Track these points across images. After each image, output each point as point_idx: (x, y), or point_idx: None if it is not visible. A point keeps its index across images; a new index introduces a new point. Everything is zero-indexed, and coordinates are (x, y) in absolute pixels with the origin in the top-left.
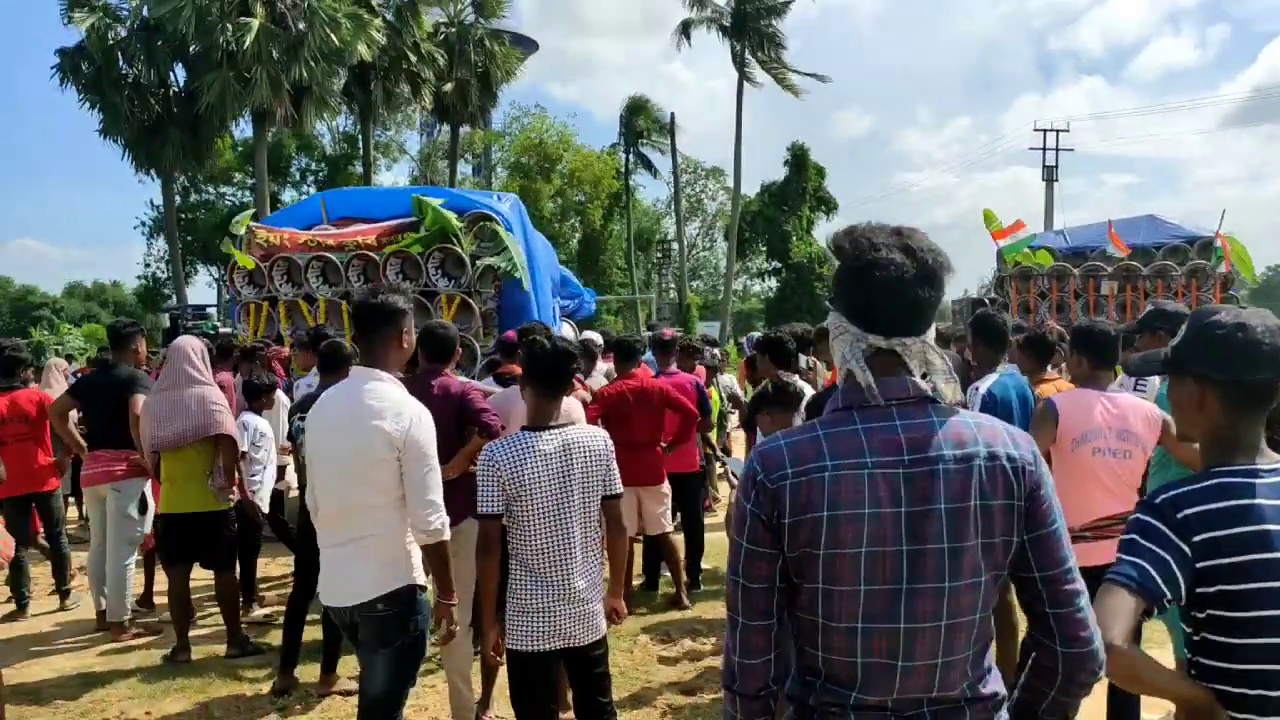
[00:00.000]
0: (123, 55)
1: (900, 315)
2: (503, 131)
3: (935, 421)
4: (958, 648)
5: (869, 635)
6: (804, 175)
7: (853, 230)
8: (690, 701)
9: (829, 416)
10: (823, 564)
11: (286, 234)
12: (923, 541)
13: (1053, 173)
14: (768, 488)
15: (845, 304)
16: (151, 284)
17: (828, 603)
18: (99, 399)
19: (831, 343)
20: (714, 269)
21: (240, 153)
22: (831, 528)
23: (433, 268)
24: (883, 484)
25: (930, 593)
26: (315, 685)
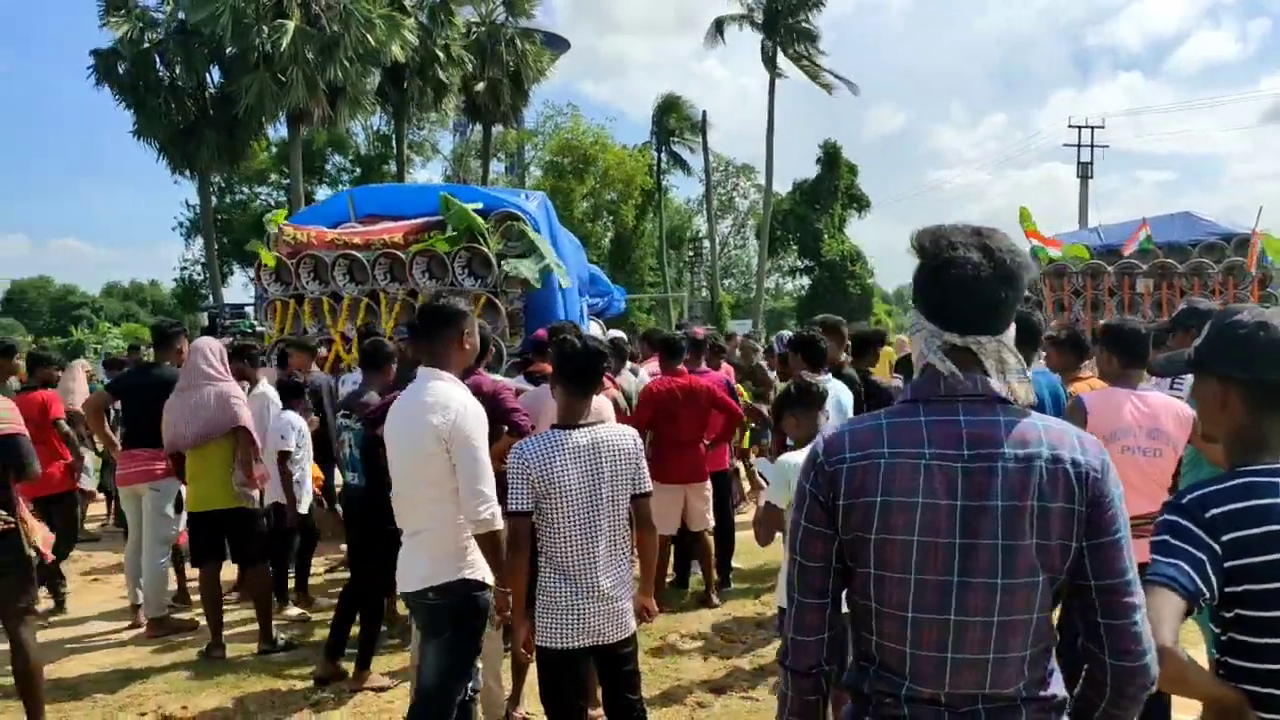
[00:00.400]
0: (160, 58)
1: (975, 314)
2: (536, 130)
3: (1001, 420)
4: (1012, 646)
5: (918, 625)
6: (836, 173)
7: (935, 230)
8: (720, 700)
9: (896, 407)
10: (874, 549)
11: (313, 231)
12: (976, 536)
13: (1087, 169)
14: (826, 470)
15: (923, 302)
16: (188, 284)
17: (879, 588)
18: (138, 398)
19: (911, 339)
20: (746, 267)
21: (275, 153)
22: (884, 513)
23: (459, 267)
24: (939, 476)
25: (982, 588)
26: (349, 681)
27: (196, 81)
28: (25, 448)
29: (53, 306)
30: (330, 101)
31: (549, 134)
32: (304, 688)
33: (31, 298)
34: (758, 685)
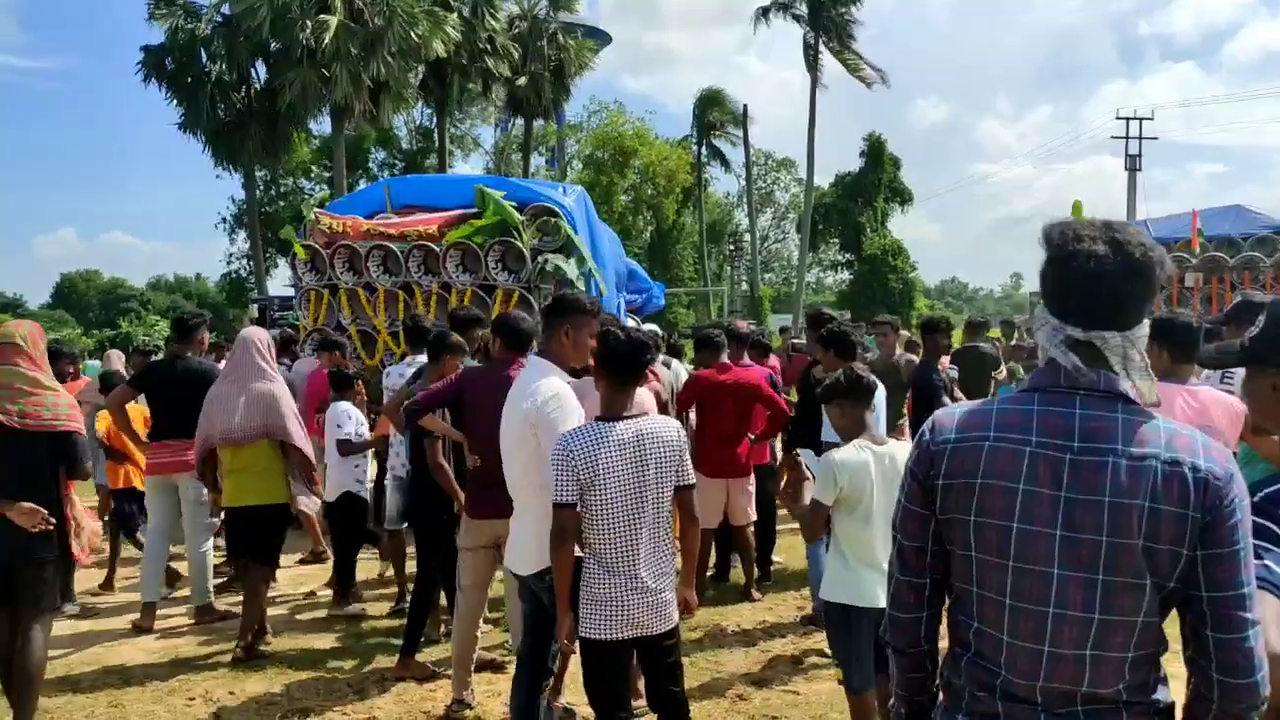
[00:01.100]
0: (205, 53)
1: (1099, 308)
2: (579, 125)
3: (1119, 418)
4: (1112, 645)
5: (1016, 614)
6: (879, 166)
7: (1064, 222)
8: (760, 693)
9: (1013, 395)
10: (972, 531)
11: (349, 221)
12: (1080, 530)
13: (1136, 162)
14: (929, 448)
15: (1048, 294)
16: (234, 277)
17: (979, 571)
18: (167, 389)
19: (1035, 333)
20: (786, 261)
21: (318, 147)
22: (982, 495)
23: (492, 261)
24: (1043, 465)
25: (1083, 582)
26: (394, 669)
27: (240, 76)
28: (81, 446)
29: (101, 299)
30: (373, 96)
31: (592, 129)
32: (348, 677)
33: (81, 290)
34: (797, 679)
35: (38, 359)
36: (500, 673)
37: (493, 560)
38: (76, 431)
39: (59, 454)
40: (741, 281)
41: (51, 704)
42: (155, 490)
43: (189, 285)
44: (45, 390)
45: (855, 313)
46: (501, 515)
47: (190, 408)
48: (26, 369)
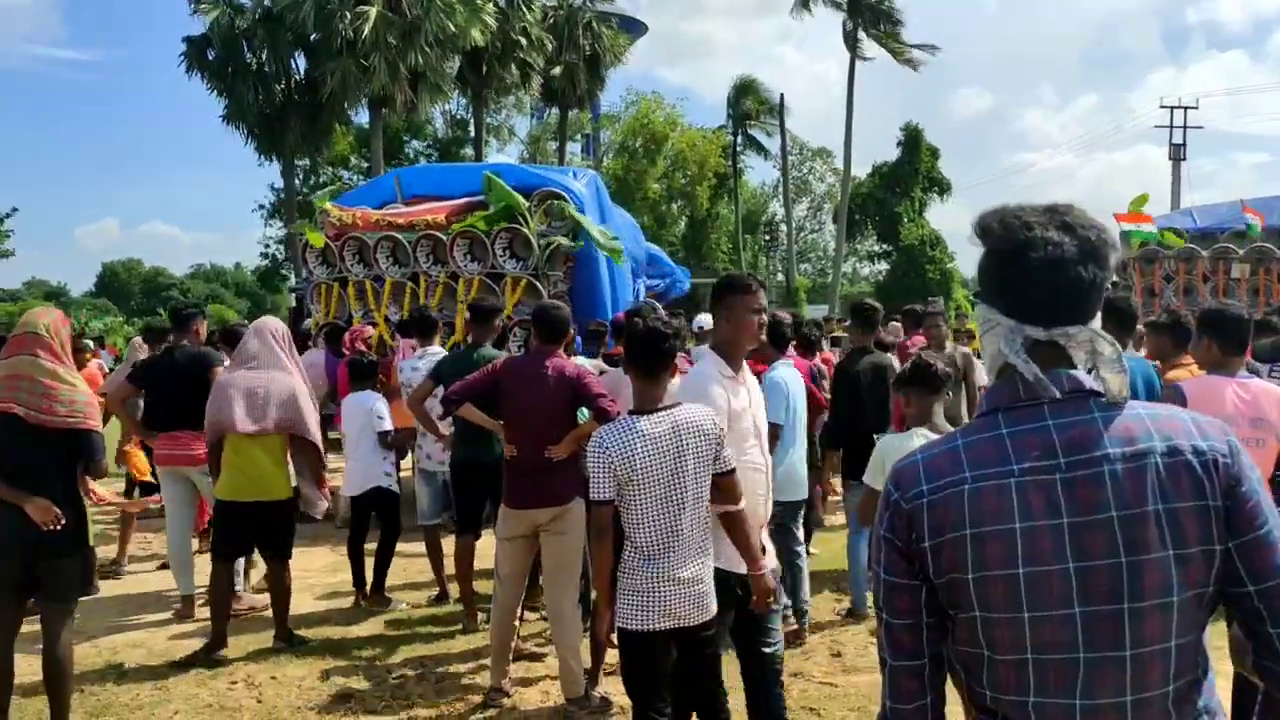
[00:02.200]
0: (247, 44)
1: (1062, 301)
2: (615, 115)
3: (1097, 417)
4: (1151, 683)
5: (1042, 669)
6: (917, 156)
7: (1001, 210)
8: (798, 684)
9: (972, 423)
10: (974, 589)
11: (359, 213)
12: (1091, 557)
13: (1180, 151)
14: (903, 508)
15: (996, 293)
16: (271, 265)
17: (989, 632)
18: (169, 381)
19: (981, 339)
20: (823, 251)
21: (356, 137)
22: (976, 547)
23: (499, 249)
24: (1034, 493)
25: (1108, 616)
26: (429, 657)
27: (282, 67)
28: (97, 443)
29: (143, 288)
30: (411, 86)
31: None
32: (387, 663)
33: (123, 279)
34: (836, 672)
35: (59, 350)
36: (538, 662)
37: (531, 550)
38: (94, 429)
39: (76, 450)
40: (777, 272)
41: (98, 689)
42: (168, 482)
43: (227, 274)
44: (64, 384)
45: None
46: (539, 505)
47: (189, 397)
48: (46, 361)
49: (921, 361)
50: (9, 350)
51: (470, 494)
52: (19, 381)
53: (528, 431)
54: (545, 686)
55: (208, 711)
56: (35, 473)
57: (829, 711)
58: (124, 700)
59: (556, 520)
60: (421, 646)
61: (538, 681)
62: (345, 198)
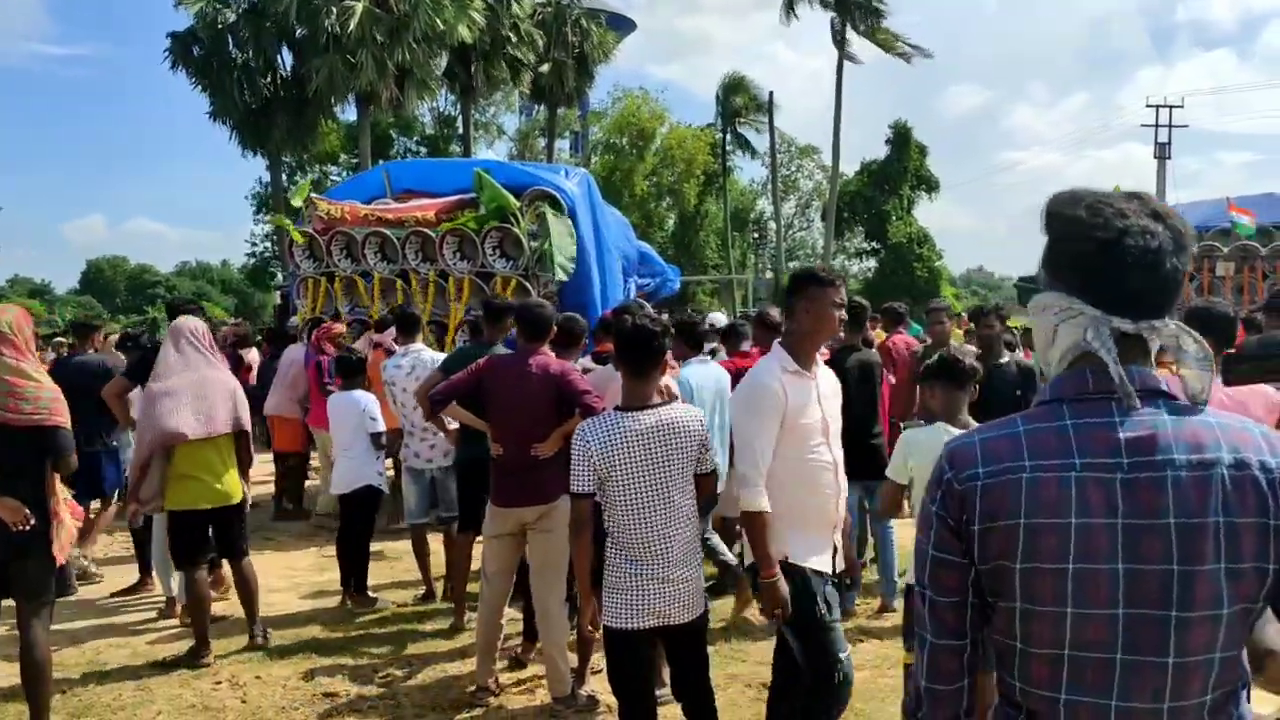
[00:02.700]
0: (232, 39)
1: (1156, 293)
2: (603, 112)
3: (1166, 420)
4: (1190, 692)
5: (1078, 667)
6: (905, 154)
7: (1088, 195)
8: None
9: (1033, 410)
10: (1020, 579)
11: (347, 207)
12: (1144, 561)
13: (1165, 150)
14: (955, 489)
15: (1082, 282)
16: (259, 262)
17: (1027, 625)
18: None
19: (1043, 327)
20: (811, 249)
21: (344, 134)
22: (1029, 537)
23: (489, 248)
24: (1093, 490)
25: (1154, 621)
26: (417, 655)
27: (267, 63)
28: (65, 440)
29: (128, 285)
30: (399, 83)
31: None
32: (373, 662)
33: (108, 276)
34: None
35: (22, 347)
36: (522, 668)
37: (518, 548)
38: (61, 426)
39: (43, 448)
40: (766, 270)
41: (80, 689)
42: None
43: (214, 272)
44: (29, 381)
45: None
46: (525, 503)
47: None
48: (10, 358)
49: (949, 355)
50: None
51: (473, 491)
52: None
53: (513, 430)
54: (532, 685)
55: (191, 712)
56: (3, 472)
57: None
58: (106, 700)
59: (543, 518)
60: (408, 646)
61: (525, 680)
62: (333, 191)
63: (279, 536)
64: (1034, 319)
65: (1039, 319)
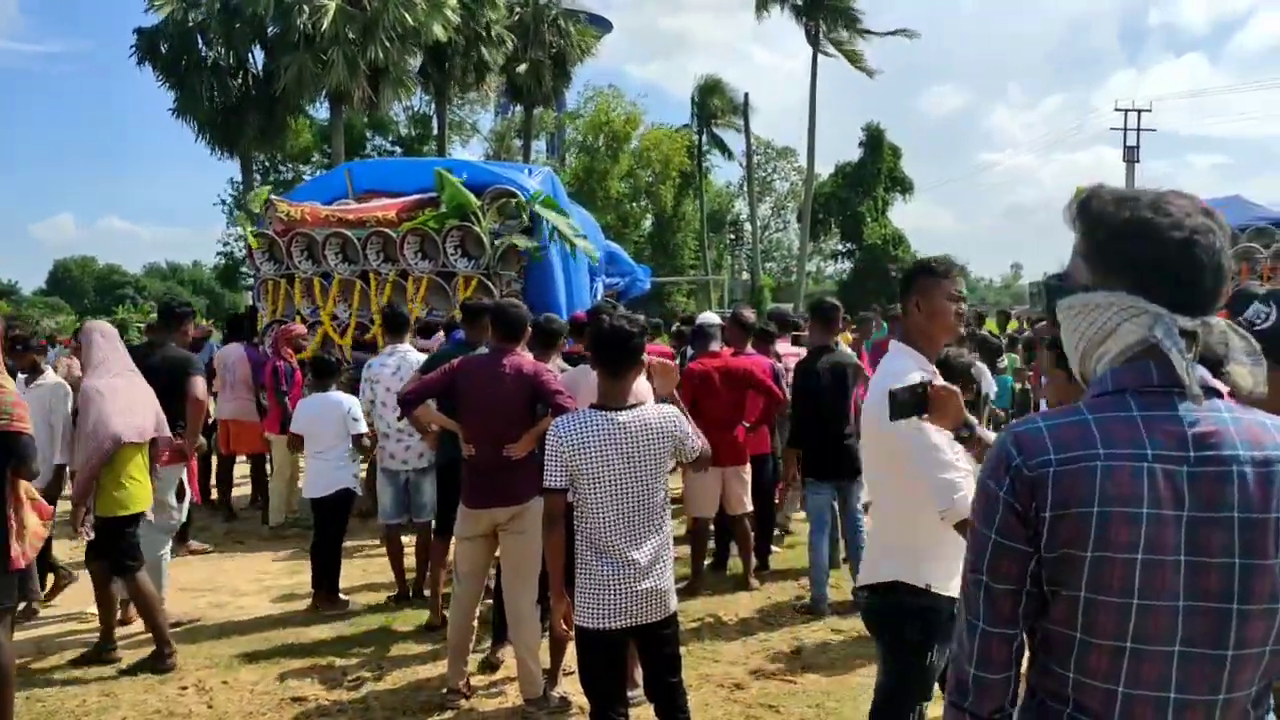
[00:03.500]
0: (201, 37)
1: (1213, 291)
2: (577, 112)
3: (1226, 416)
4: (1241, 683)
5: (1137, 659)
6: (879, 156)
7: (1136, 195)
8: (758, 683)
9: (1096, 400)
10: (1089, 568)
11: (307, 208)
12: (1206, 554)
13: (1134, 153)
14: (1025, 474)
15: (1147, 280)
16: (230, 262)
17: (1090, 615)
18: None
19: (1095, 325)
20: (787, 250)
21: (318, 133)
22: (1101, 526)
23: (450, 247)
24: (1164, 481)
25: (1214, 614)
26: (386, 659)
27: (238, 61)
28: (26, 445)
29: (97, 286)
30: (372, 82)
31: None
32: (343, 665)
33: (76, 276)
34: (795, 669)
35: None
36: (493, 670)
37: (490, 549)
38: (24, 432)
39: (6, 453)
40: (742, 271)
41: (43, 693)
42: None
43: (184, 272)
44: None
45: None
46: (498, 504)
47: (167, 399)
48: None
49: (943, 357)
50: None
51: (452, 494)
52: None
53: (486, 430)
54: (503, 687)
55: (156, 718)
56: None
57: (787, 709)
58: (70, 706)
59: (515, 519)
60: (379, 648)
61: (497, 682)
62: (296, 192)
63: (249, 540)
64: (1078, 317)
65: (1087, 317)
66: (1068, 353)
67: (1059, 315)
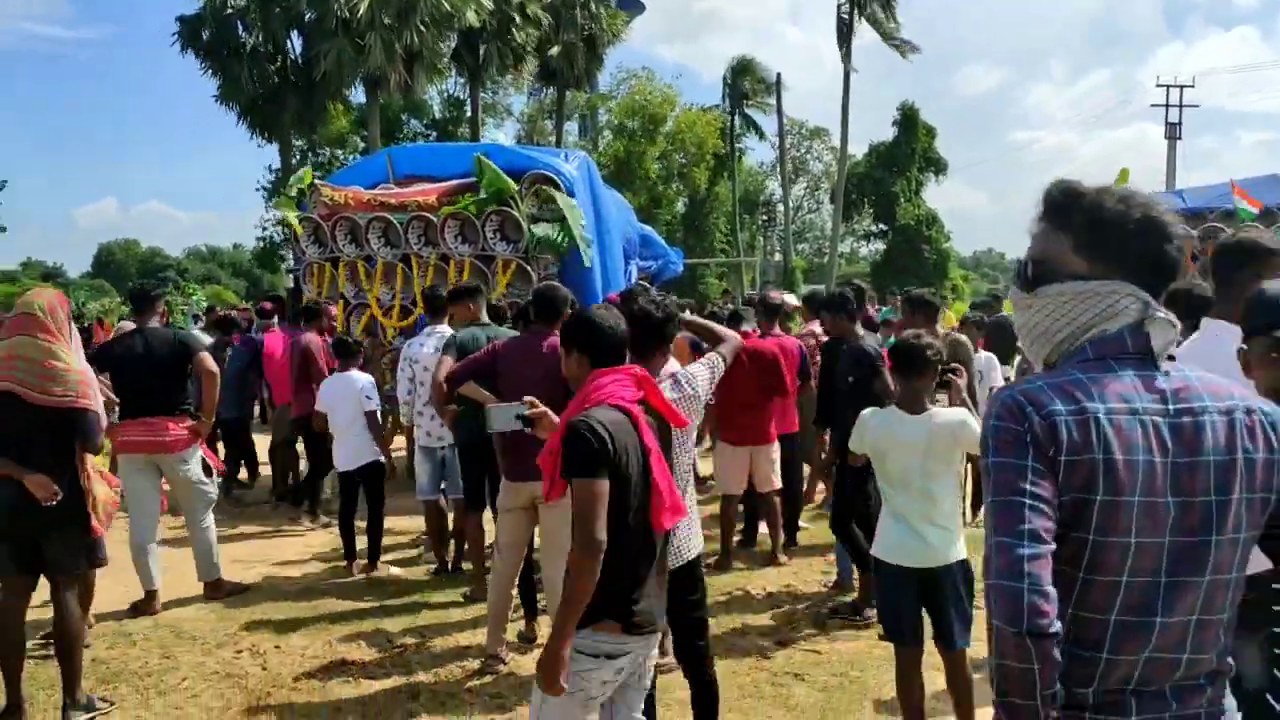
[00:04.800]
0: (241, 23)
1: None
2: (610, 94)
3: (1190, 375)
4: (1215, 607)
5: (1130, 590)
6: (913, 136)
7: (1135, 196)
8: (783, 652)
9: (1085, 365)
10: (1098, 512)
11: (351, 193)
12: (1189, 494)
13: (1175, 130)
14: (1041, 422)
15: (1139, 270)
16: (269, 245)
17: (1097, 554)
18: (133, 363)
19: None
20: (820, 231)
21: (354, 117)
22: (1108, 471)
23: (490, 231)
24: (1153, 431)
25: (1196, 546)
26: (429, 627)
27: (276, 47)
28: (92, 421)
29: (140, 268)
30: (407, 66)
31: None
32: (387, 633)
33: (120, 260)
34: (821, 639)
35: (55, 330)
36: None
37: (530, 521)
38: (89, 408)
39: (71, 428)
40: (775, 252)
41: (107, 655)
42: (133, 471)
43: (223, 254)
44: (59, 363)
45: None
46: (536, 478)
47: (159, 381)
48: (44, 340)
49: (904, 343)
50: (8, 331)
51: (474, 471)
52: (16, 361)
53: None
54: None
55: (214, 679)
56: (32, 449)
57: (812, 677)
58: (133, 668)
59: None
60: (421, 617)
61: (533, 648)
62: (337, 176)
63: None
64: (1069, 304)
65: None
66: (1034, 335)
67: (1037, 300)
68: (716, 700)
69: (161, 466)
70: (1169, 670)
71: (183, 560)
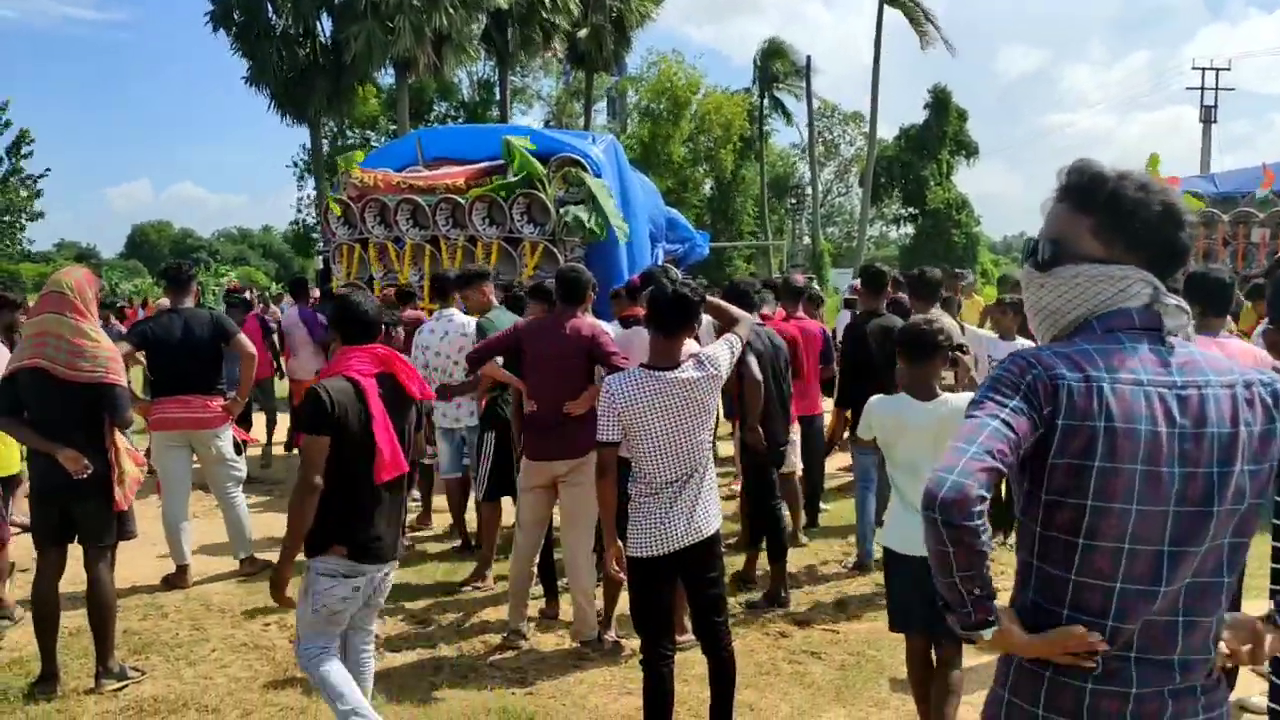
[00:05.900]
0: (271, 5)
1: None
2: (639, 76)
3: (1195, 350)
4: (1207, 570)
5: (1133, 558)
6: (945, 119)
7: (1154, 183)
8: (802, 631)
9: (1094, 337)
10: (1096, 478)
11: (380, 175)
12: (1194, 464)
13: (1210, 113)
14: (1045, 381)
15: (1151, 255)
16: (301, 228)
17: (1096, 520)
18: (171, 342)
19: (1102, 289)
20: (849, 215)
21: (384, 99)
22: (1109, 439)
23: (517, 214)
24: (1158, 402)
25: (1198, 516)
26: (449, 601)
27: (306, 29)
28: (122, 396)
29: (173, 249)
30: (436, 49)
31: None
32: (411, 608)
33: (153, 241)
34: (838, 620)
35: (84, 308)
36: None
37: (550, 500)
38: (118, 384)
39: (100, 403)
40: (803, 236)
41: (140, 626)
42: (167, 449)
43: (254, 236)
44: (89, 341)
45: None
46: (557, 457)
47: (194, 359)
48: (73, 319)
49: (913, 328)
50: (38, 309)
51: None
52: (46, 338)
53: (547, 387)
54: (560, 629)
55: (243, 650)
56: (63, 424)
57: (829, 655)
58: (164, 639)
59: (574, 471)
60: (443, 593)
61: (553, 627)
62: (367, 159)
63: None
64: (1084, 285)
65: (1094, 286)
66: (1045, 314)
67: (1050, 280)
68: (733, 676)
69: (194, 443)
70: (1164, 635)
71: (213, 535)
